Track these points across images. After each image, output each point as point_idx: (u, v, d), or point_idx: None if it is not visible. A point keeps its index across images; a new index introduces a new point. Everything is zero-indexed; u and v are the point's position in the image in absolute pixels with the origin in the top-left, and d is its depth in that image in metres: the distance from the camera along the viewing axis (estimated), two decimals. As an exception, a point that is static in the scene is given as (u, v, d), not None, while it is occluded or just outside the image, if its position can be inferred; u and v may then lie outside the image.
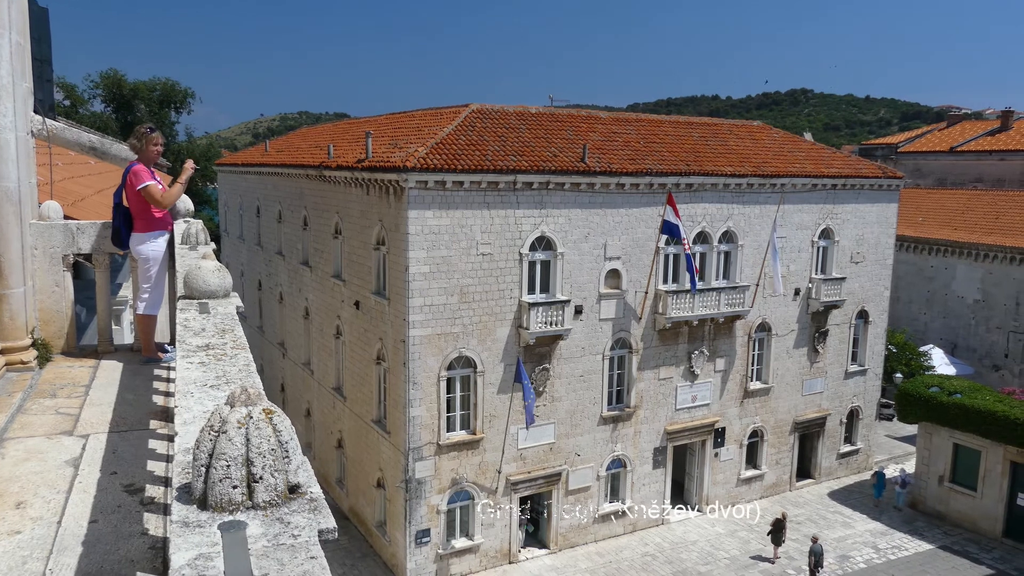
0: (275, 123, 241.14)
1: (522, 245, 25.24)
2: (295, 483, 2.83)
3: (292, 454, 2.82)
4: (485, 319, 24.92)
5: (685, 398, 29.92)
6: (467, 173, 23.67)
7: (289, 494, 2.80)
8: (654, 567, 27.10)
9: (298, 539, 2.53)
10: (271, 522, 2.62)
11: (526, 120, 28.38)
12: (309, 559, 2.42)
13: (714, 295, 29.14)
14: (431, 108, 31.60)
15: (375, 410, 26.77)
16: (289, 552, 2.45)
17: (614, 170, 26.45)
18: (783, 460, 33.56)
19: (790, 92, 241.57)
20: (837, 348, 34.18)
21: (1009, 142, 56.56)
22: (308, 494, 2.83)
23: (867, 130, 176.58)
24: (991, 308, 42.54)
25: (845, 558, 28.18)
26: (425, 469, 24.61)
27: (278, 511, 2.69)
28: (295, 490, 2.82)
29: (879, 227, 34.37)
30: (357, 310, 27.47)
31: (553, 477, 27.18)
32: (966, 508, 30.83)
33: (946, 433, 31.21)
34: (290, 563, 2.38)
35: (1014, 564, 28.08)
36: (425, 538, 24.93)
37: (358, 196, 26.71)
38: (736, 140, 32.64)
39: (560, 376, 26.71)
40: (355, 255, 27.47)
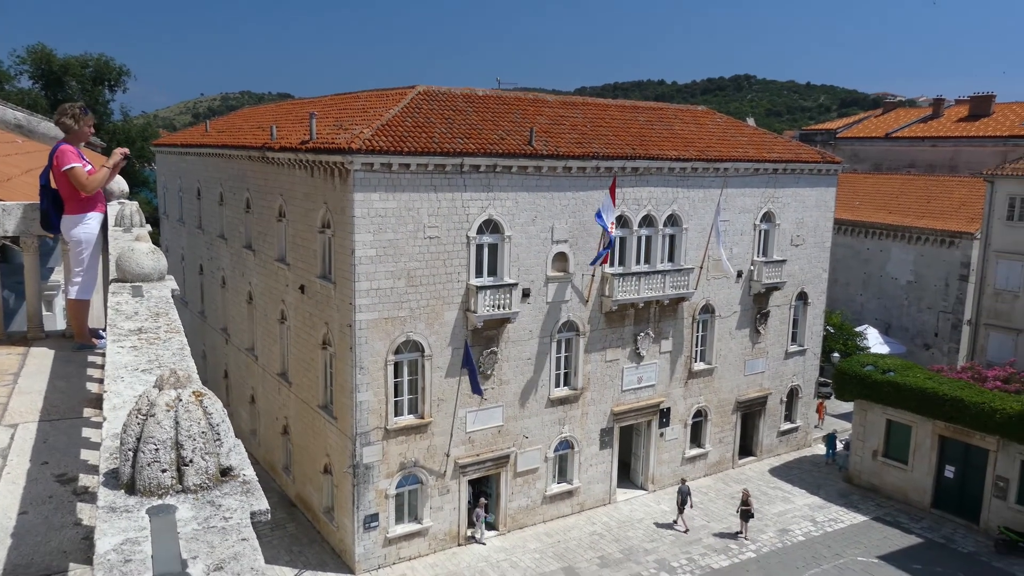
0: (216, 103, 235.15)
1: (469, 228, 25.18)
2: (227, 466, 2.79)
3: (224, 436, 2.78)
4: (433, 303, 24.83)
5: (631, 379, 30.37)
6: (414, 155, 23.47)
7: (221, 477, 2.76)
8: (601, 545, 27.55)
9: (229, 521, 2.50)
10: (202, 505, 2.59)
11: (473, 103, 28.23)
12: (240, 541, 2.40)
13: (659, 278, 29.56)
14: (377, 89, 31.18)
15: (321, 395, 26.51)
16: (220, 535, 2.42)
17: (561, 153, 26.54)
18: (726, 439, 34.38)
19: (734, 78, 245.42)
20: (778, 329, 35.07)
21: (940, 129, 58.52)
22: (241, 476, 2.80)
23: (807, 116, 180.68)
24: (923, 289, 44.14)
25: (785, 532, 29.08)
26: (373, 454, 24.51)
27: (209, 494, 2.66)
28: (227, 473, 2.79)
29: (818, 211, 35.27)
30: (302, 294, 27.09)
31: (501, 459, 27.36)
32: (898, 481, 32.09)
33: (880, 410, 32.38)
34: (220, 545, 2.36)
35: (941, 533, 29.37)
36: (373, 523, 24.87)
37: (302, 178, 26.26)
38: (681, 125, 33.04)
39: (508, 359, 26.82)
40: (300, 238, 27.04)
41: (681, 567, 26.30)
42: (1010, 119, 55.15)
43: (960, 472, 30.23)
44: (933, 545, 28.44)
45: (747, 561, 26.87)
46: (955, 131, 57.08)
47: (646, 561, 26.57)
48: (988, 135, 54.30)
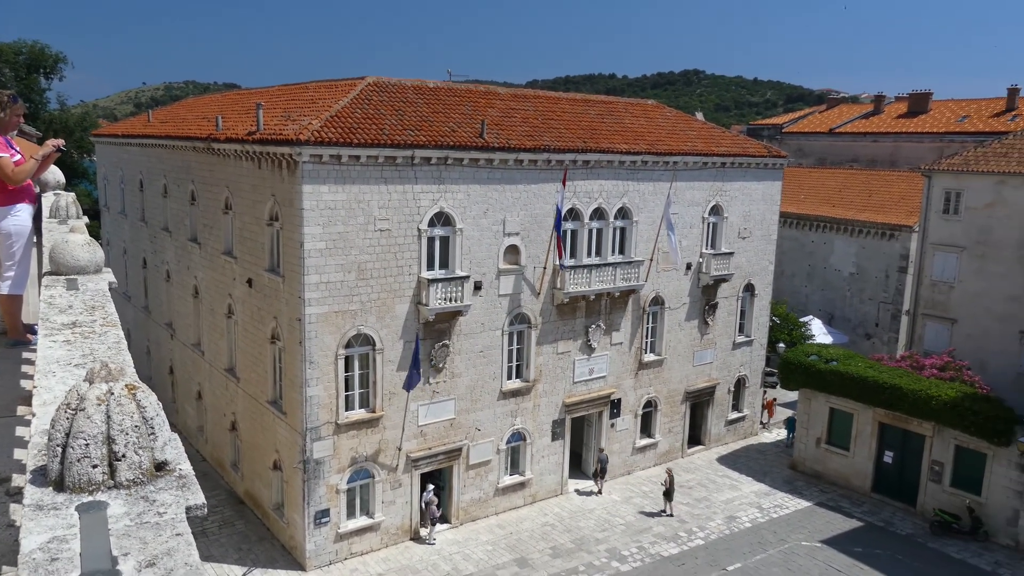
0: (159, 92, 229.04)
1: (421, 221, 25.03)
2: (162, 460, 2.73)
3: (158, 430, 2.71)
4: (384, 296, 24.64)
5: (583, 371, 30.61)
6: (364, 147, 23.22)
7: (156, 472, 2.70)
8: (553, 536, 27.76)
9: (164, 517, 2.45)
10: (135, 501, 2.53)
11: (424, 94, 28.04)
12: (175, 536, 2.35)
13: (610, 270, 29.83)
14: (326, 80, 30.75)
15: (270, 391, 26.11)
16: (153, 530, 2.37)
17: (512, 146, 26.54)
18: (675, 428, 34.93)
19: (683, 73, 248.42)
20: (726, 320, 35.72)
21: (881, 125, 60.23)
22: (176, 471, 2.74)
23: (755, 111, 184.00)
24: (864, 281, 45.43)
25: (732, 519, 29.70)
26: (323, 449, 24.25)
27: (143, 489, 2.59)
28: (162, 467, 2.73)
29: (765, 204, 35.98)
30: (250, 288, 26.62)
31: (454, 452, 27.33)
32: (840, 467, 33.03)
33: (823, 398, 33.27)
34: (154, 541, 2.31)
35: (881, 516, 30.35)
36: (324, 518, 24.62)
37: (249, 170, 25.77)
38: (631, 118, 33.34)
39: (460, 352, 26.78)
40: (247, 231, 26.55)
41: (632, 555, 26.66)
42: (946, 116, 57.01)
43: (898, 457, 31.25)
44: (873, 528, 29.36)
45: (696, 548, 27.37)
46: (895, 127, 58.80)
47: (597, 551, 26.87)
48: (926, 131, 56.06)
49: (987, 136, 47.26)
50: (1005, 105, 54.39)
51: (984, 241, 34.15)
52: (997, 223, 33.71)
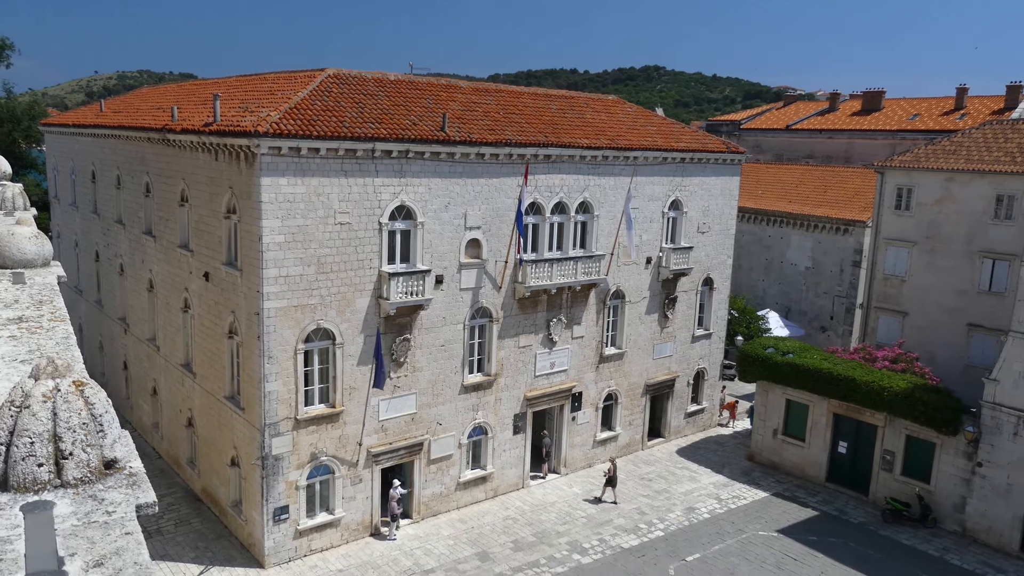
0: (112, 81, 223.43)
1: (381, 214, 24.85)
2: (111, 458, 2.67)
3: (108, 428, 2.65)
4: (344, 290, 24.42)
5: (544, 365, 30.72)
6: (323, 140, 22.95)
7: (105, 470, 2.64)
8: (515, 530, 27.85)
9: (113, 515, 2.39)
10: (83, 500, 2.47)
11: (385, 87, 27.80)
12: (124, 535, 2.30)
13: (571, 264, 29.95)
14: (284, 71, 30.30)
15: (228, 386, 25.72)
16: (102, 530, 2.31)
17: (474, 140, 26.46)
18: (636, 421, 35.27)
19: (644, 69, 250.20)
20: (685, 314, 36.14)
21: (836, 122, 61.41)
22: (127, 469, 2.68)
23: (714, 107, 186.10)
24: (820, 275, 46.32)
25: (692, 510, 30.11)
26: (282, 445, 23.98)
27: (91, 488, 2.53)
28: (112, 465, 2.67)
29: (723, 199, 36.45)
30: (207, 282, 26.16)
31: (415, 447, 27.24)
32: (796, 457, 33.69)
33: (780, 390, 33.88)
34: (102, 540, 2.26)
35: (835, 505, 31.05)
36: (283, 515, 24.36)
37: (206, 162, 25.31)
38: (592, 113, 33.48)
39: (421, 346, 26.67)
40: (204, 224, 26.07)
41: (592, 548, 26.87)
42: (898, 114, 58.36)
43: (852, 447, 31.99)
44: (827, 517, 30.02)
45: (656, 539, 27.70)
46: (849, 124, 60.02)
47: (559, 543, 27.03)
48: (879, 129, 57.32)
49: (937, 134, 48.51)
50: (954, 104, 55.86)
51: (934, 236, 35.07)
52: (946, 219, 34.64)
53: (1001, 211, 33.00)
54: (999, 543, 27.77)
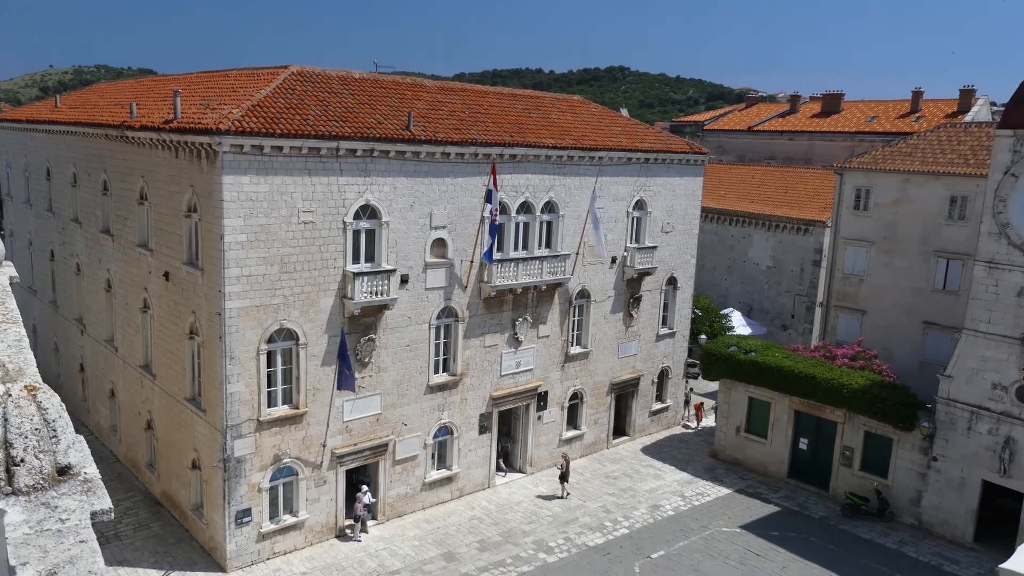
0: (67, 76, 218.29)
1: (346, 213, 24.64)
2: (65, 464, 2.60)
3: (61, 433, 2.58)
4: (308, 289, 24.17)
5: (510, 364, 30.74)
6: (287, 138, 22.68)
7: (58, 476, 2.57)
8: (481, 529, 27.84)
9: (66, 523, 2.33)
10: (35, 507, 2.40)
11: (349, 85, 27.57)
12: (78, 543, 2.24)
13: (537, 263, 30.02)
14: (247, 68, 29.89)
15: (189, 388, 25.30)
16: (55, 538, 2.26)
17: (440, 139, 26.38)
18: (601, 420, 35.47)
19: (609, 69, 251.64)
20: (649, 313, 36.44)
21: (796, 124, 62.44)
22: (81, 475, 2.62)
23: (677, 108, 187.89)
24: (781, 274, 47.06)
25: (656, 507, 30.37)
26: (245, 447, 23.65)
27: (44, 495, 2.47)
28: (65, 471, 2.60)
29: (687, 199, 36.82)
30: (167, 282, 25.71)
31: (380, 448, 27.07)
32: (759, 454, 34.18)
33: (742, 388, 34.34)
34: (55, 549, 2.20)
35: (796, 501, 31.57)
36: (246, 518, 24.04)
37: (166, 159, 24.86)
38: (558, 113, 33.59)
39: (386, 346, 26.52)
40: (163, 223, 25.61)
41: (558, 546, 26.97)
42: (857, 116, 59.52)
43: (812, 444, 32.55)
44: (789, 512, 30.51)
45: (621, 537, 27.89)
46: (809, 126, 61.06)
47: (524, 543, 27.08)
48: (838, 130, 58.40)
49: (894, 136, 49.59)
50: (910, 107, 57.15)
51: (891, 236, 35.83)
52: (903, 219, 35.42)
53: (955, 212, 33.83)
54: (953, 535, 28.48)
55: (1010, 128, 26.66)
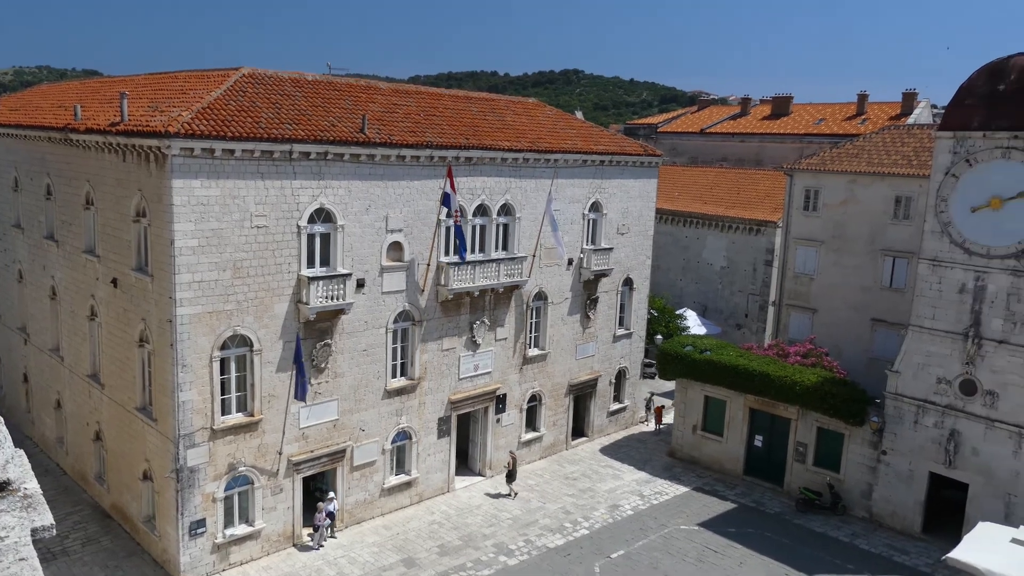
0: (7, 77, 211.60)
1: (300, 217, 24.32)
2: (4, 480, 2.49)
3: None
4: (262, 295, 23.78)
5: (468, 367, 30.67)
6: (239, 141, 22.30)
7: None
8: (441, 534, 27.69)
9: (5, 541, 2.23)
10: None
11: (302, 87, 27.24)
12: (18, 561, 2.15)
13: (494, 266, 30.01)
14: (196, 70, 29.31)
15: (139, 397, 24.69)
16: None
17: (395, 142, 26.22)
18: (559, 421, 35.60)
19: (563, 72, 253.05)
20: (606, 314, 36.71)
21: (747, 126, 63.58)
22: (21, 490, 2.51)
23: (631, 111, 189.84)
24: (734, 274, 47.84)
25: (616, 507, 30.58)
26: (198, 456, 23.17)
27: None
28: (4, 487, 2.49)
29: (641, 201, 37.20)
30: (115, 288, 25.06)
31: (337, 454, 26.76)
32: (715, 452, 34.66)
33: (698, 387, 34.79)
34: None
35: (752, 497, 32.08)
36: (200, 529, 23.54)
37: (113, 163, 24.24)
38: (513, 116, 33.65)
39: (343, 351, 26.23)
40: (111, 228, 24.97)
41: (519, 548, 26.97)
42: (805, 119, 60.86)
43: (767, 441, 33.12)
44: (745, 509, 30.99)
45: (581, 538, 28.01)
46: (760, 128, 62.23)
47: (485, 546, 27.02)
48: (787, 132, 59.62)
49: (841, 138, 50.79)
50: (856, 109, 58.63)
51: (840, 236, 36.69)
52: (850, 219, 36.29)
53: (900, 211, 34.78)
54: (903, 526, 29.24)
55: (950, 130, 27.51)
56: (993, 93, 26.77)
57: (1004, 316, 26.44)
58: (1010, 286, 26.27)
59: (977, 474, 27.28)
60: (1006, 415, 26.53)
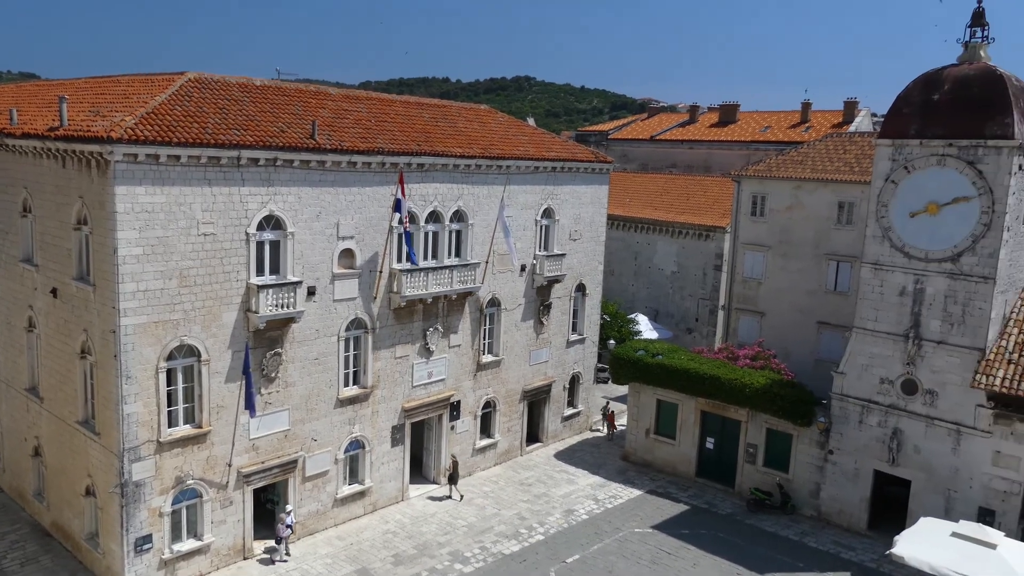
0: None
1: (249, 224, 23.90)
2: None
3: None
4: (210, 304, 23.29)
5: (422, 375, 30.49)
6: (184, 147, 21.83)
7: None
8: (395, 543, 27.43)
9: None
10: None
11: (250, 93, 26.81)
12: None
13: (447, 273, 29.93)
14: (140, 74, 28.60)
15: (81, 410, 23.93)
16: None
17: (345, 148, 25.97)
18: (514, 427, 35.62)
19: (515, 79, 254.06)
20: (559, 320, 36.90)
21: (696, 133, 64.69)
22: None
23: (582, 118, 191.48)
24: (685, 279, 48.57)
25: (570, 512, 30.69)
26: (144, 470, 22.54)
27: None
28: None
29: (593, 207, 37.54)
30: (55, 299, 24.27)
31: (289, 465, 26.32)
32: (668, 455, 35.07)
33: (651, 391, 35.17)
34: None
35: (704, 499, 32.53)
36: (146, 545, 22.89)
37: (52, 169, 23.50)
38: (465, 122, 33.64)
39: (294, 360, 25.84)
40: (50, 236, 24.19)
41: (474, 556, 26.86)
42: (752, 126, 62.18)
43: (718, 443, 33.64)
44: (698, 511, 31.40)
45: (536, 544, 28.03)
46: (708, 135, 63.37)
47: (440, 554, 26.85)
48: (735, 140, 60.83)
49: (786, 145, 52.05)
50: (800, 117, 60.15)
51: (786, 241, 37.54)
52: (796, 224, 37.17)
53: (843, 217, 35.75)
54: (849, 523, 29.98)
55: (888, 138, 28.40)
56: (928, 103, 27.74)
57: (942, 318, 27.36)
58: (947, 288, 27.20)
59: (919, 471, 28.14)
60: (945, 413, 27.43)
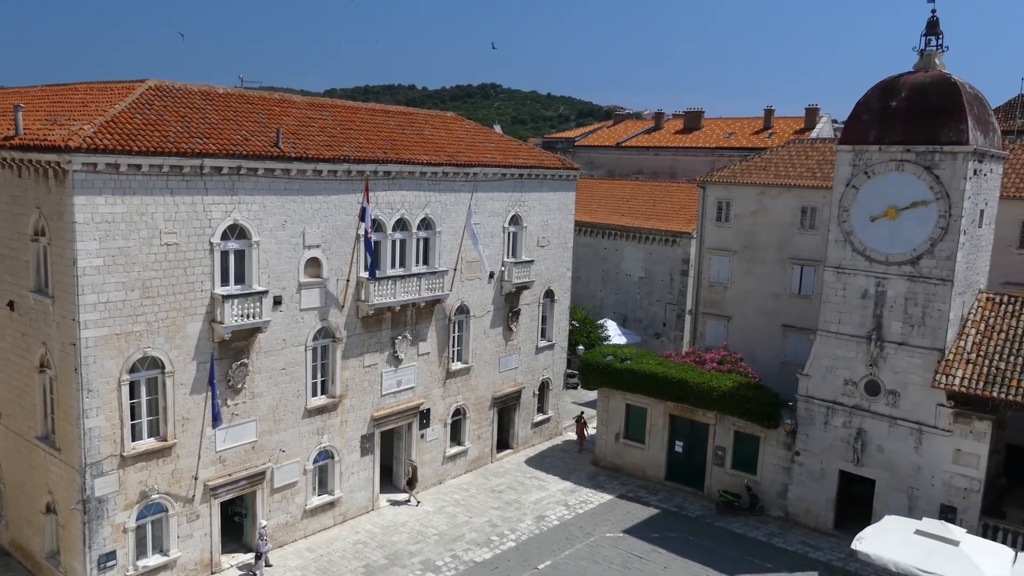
0: None
1: (213, 234, 23.59)
2: None
3: None
4: (173, 315, 22.92)
5: (391, 383, 30.31)
6: (146, 155, 21.49)
7: None
8: (366, 554, 27.19)
9: None
10: None
11: (213, 100, 26.51)
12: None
13: (415, 280, 29.82)
14: (99, 82, 28.14)
15: (40, 425, 23.37)
16: None
17: (310, 156, 25.78)
18: (484, 435, 35.55)
19: (481, 86, 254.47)
20: (528, 326, 36.95)
21: (661, 140, 65.36)
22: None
23: (549, 125, 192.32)
24: (652, 284, 48.96)
25: (542, 518, 30.69)
26: (107, 485, 22.07)
27: None
28: None
29: (560, 213, 37.70)
30: (11, 311, 23.71)
31: (257, 477, 25.96)
32: (637, 459, 35.25)
33: (620, 396, 35.35)
34: None
35: (674, 502, 32.75)
36: (110, 561, 22.40)
37: (7, 179, 22.98)
38: (431, 130, 33.61)
39: (260, 371, 25.52)
40: (6, 247, 23.63)
41: (446, 564, 26.72)
42: (716, 133, 62.98)
43: (687, 446, 33.91)
44: (668, 514, 31.59)
45: (508, 551, 27.97)
46: (673, 142, 64.05)
47: (411, 563, 26.66)
48: (699, 146, 61.55)
49: (750, 151, 52.80)
50: (763, 124, 61.06)
51: (751, 245, 38.01)
52: (760, 229, 37.66)
53: (806, 221, 36.31)
54: (816, 523, 30.38)
55: (849, 144, 28.95)
56: (886, 109, 28.34)
57: (903, 319, 27.91)
58: (907, 291, 27.76)
59: (883, 470, 28.63)
60: (907, 413, 27.96)
